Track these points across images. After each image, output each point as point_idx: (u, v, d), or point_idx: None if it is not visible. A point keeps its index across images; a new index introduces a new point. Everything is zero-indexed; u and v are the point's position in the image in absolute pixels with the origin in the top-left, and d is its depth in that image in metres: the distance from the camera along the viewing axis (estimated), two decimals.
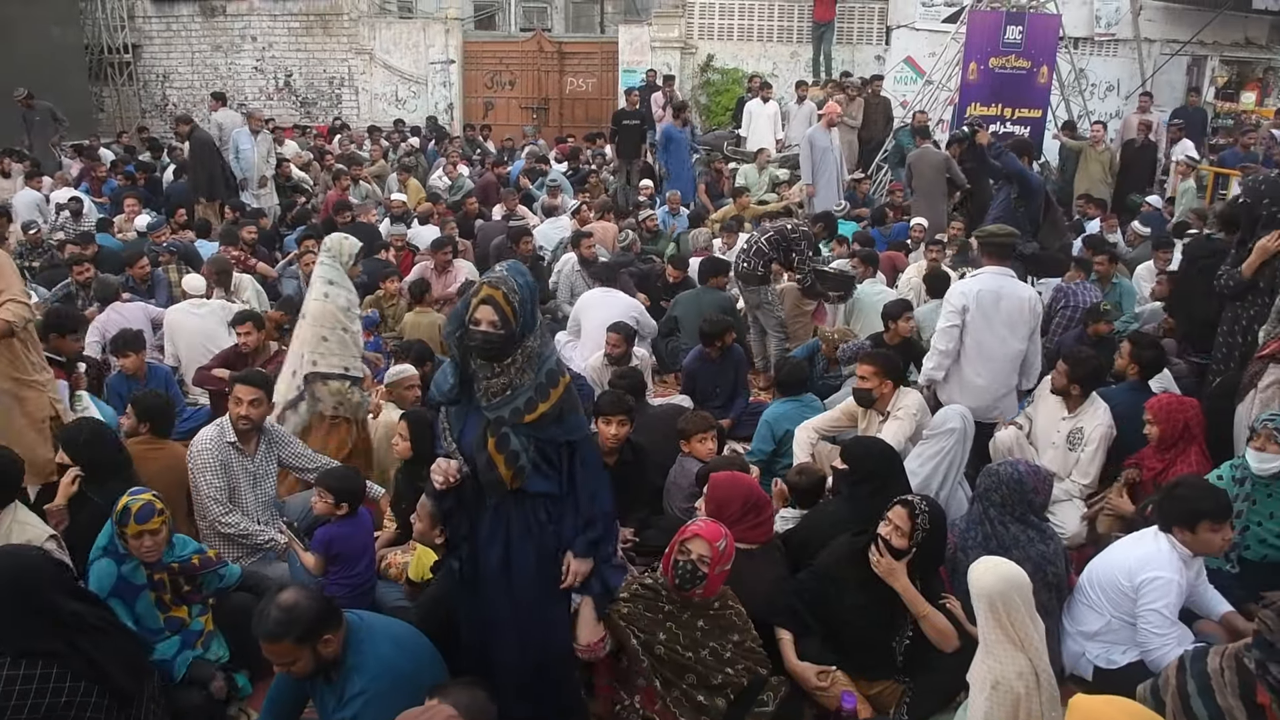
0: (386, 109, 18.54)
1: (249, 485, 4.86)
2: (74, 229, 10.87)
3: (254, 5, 18.91)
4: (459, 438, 3.30)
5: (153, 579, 3.94)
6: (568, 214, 10.75)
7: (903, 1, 16.31)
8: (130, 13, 19.17)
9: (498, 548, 3.35)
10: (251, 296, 8.25)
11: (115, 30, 19.12)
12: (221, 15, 19.07)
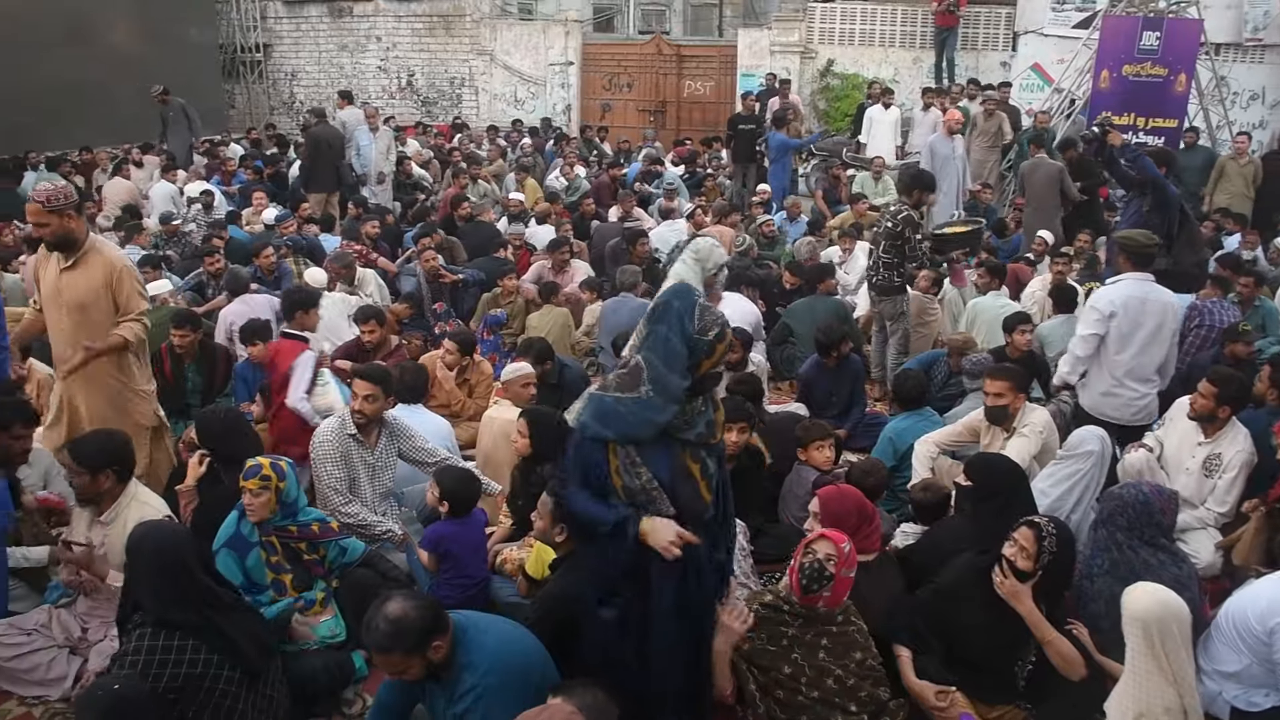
0: (505, 109, 18.78)
1: (368, 477, 4.94)
2: (205, 221, 11.26)
3: (379, 6, 19.34)
4: (655, 472, 3.12)
5: (263, 540, 4.15)
6: (684, 217, 10.73)
7: (1031, 6, 15.86)
8: (263, 13, 19.80)
9: (673, 580, 3.23)
10: (374, 291, 8.43)
11: (248, 30, 19.77)
12: (348, 16, 19.56)
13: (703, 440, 3.14)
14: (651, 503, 3.11)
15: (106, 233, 10.52)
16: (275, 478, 4.07)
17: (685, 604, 3.27)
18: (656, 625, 3.26)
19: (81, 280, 4.97)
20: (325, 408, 5.65)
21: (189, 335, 6.55)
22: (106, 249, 5.15)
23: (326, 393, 5.80)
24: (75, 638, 4.39)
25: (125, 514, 4.32)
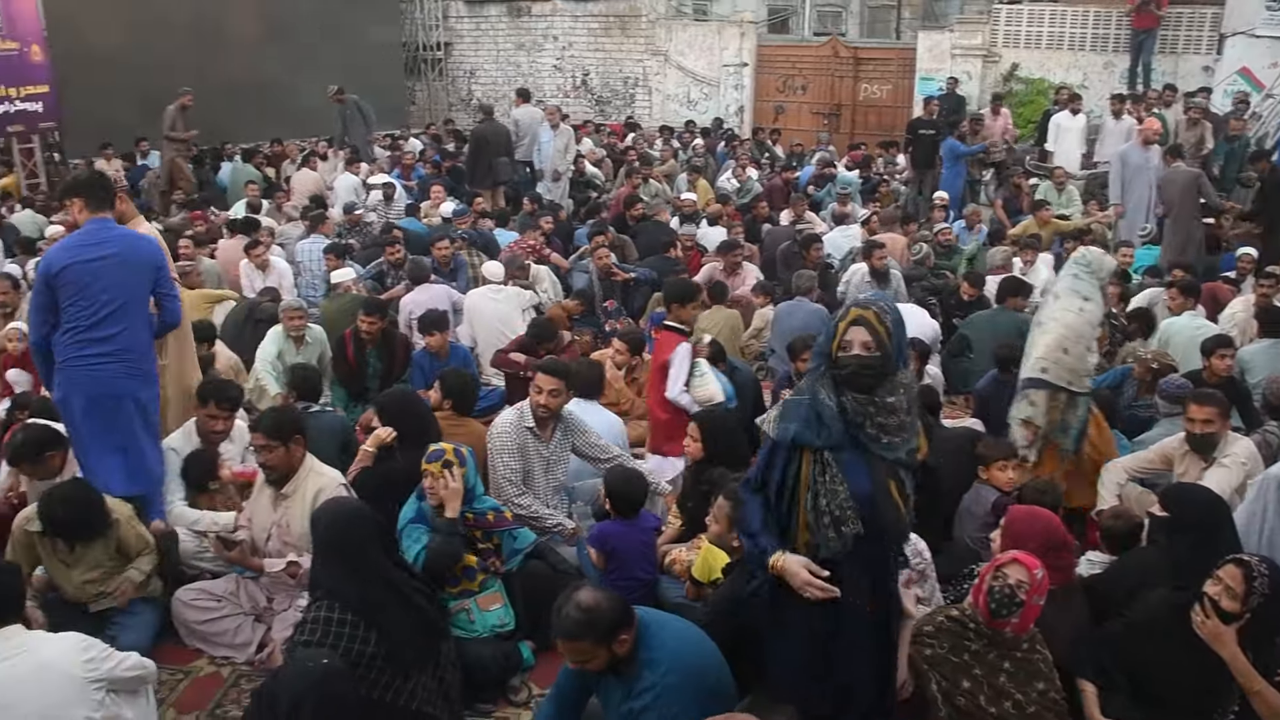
0: (678, 110, 18.84)
1: (542, 470, 5.01)
2: (385, 212, 11.66)
3: (557, 6, 19.69)
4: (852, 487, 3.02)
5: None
6: (857, 223, 10.53)
7: (1242, 5, 14.85)
8: (445, 13, 20.42)
9: (862, 602, 3.19)
10: (548, 287, 8.55)
11: (430, 29, 20.42)
12: (526, 15, 19.98)
13: (904, 464, 3.06)
14: (844, 521, 3.01)
15: (293, 221, 11.04)
16: (457, 463, 4.15)
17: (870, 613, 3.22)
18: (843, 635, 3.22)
19: None
20: (705, 399, 5.66)
21: (376, 322, 6.78)
22: (140, 230, 5.23)
23: (705, 384, 5.77)
24: (260, 606, 4.61)
25: (304, 486, 4.50)
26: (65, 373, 4.65)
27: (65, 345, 4.62)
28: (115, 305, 4.63)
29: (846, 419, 3.00)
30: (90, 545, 4.35)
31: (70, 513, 4.22)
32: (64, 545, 4.33)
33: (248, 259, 9.13)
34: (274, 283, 8.94)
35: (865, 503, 3.02)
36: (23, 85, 14.74)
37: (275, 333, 7.14)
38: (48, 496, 4.30)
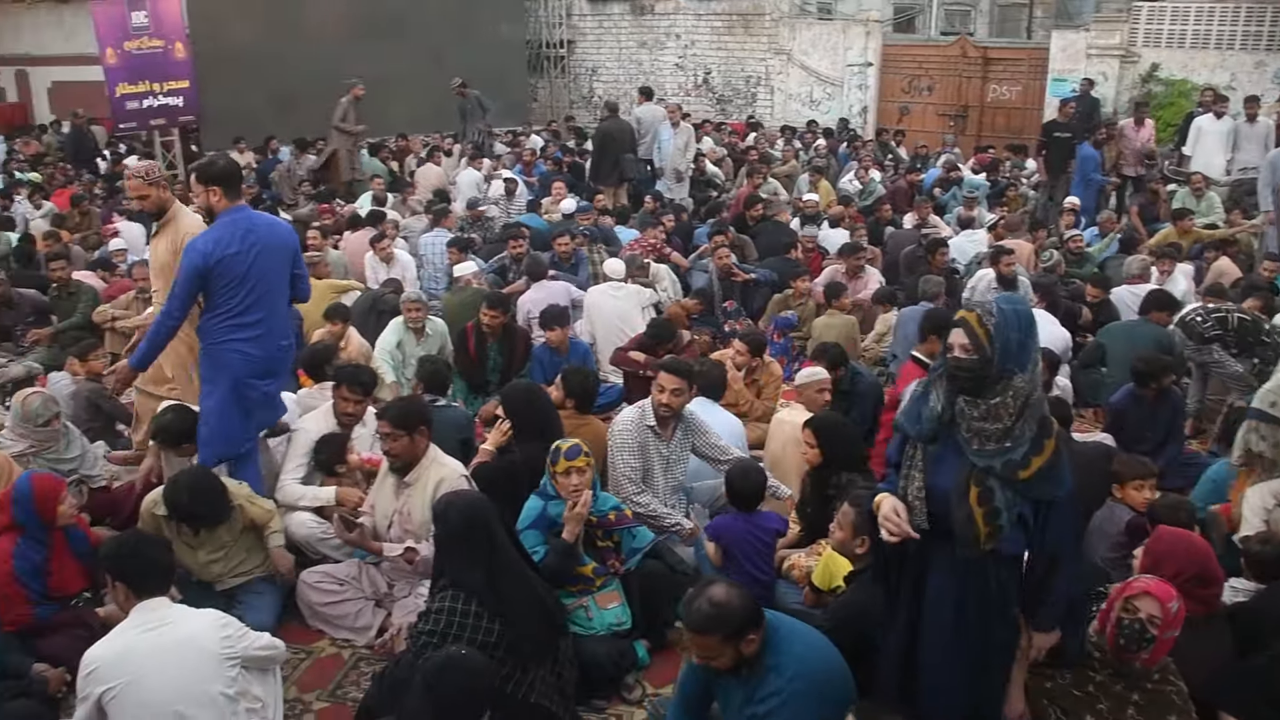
0: (800, 109, 18.64)
1: (662, 469, 4.97)
2: (507, 207, 11.79)
3: (680, 4, 19.67)
4: (932, 480, 3.11)
5: None
6: (984, 228, 10.25)
7: None
8: (568, 11, 20.59)
9: (947, 609, 3.16)
10: (668, 286, 8.53)
11: (554, 27, 20.63)
12: (649, 14, 20.01)
13: (995, 473, 2.97)
14: (912, 511, 3.11)
15: (417, 215, 11.25)
16: (591, 465, 4.16)
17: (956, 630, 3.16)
18: (929, 650, 3.22)
19: (161, 245, 5.27)
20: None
21: (498, 317, 6.84)
22: (185, 218, 5.30)
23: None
24: (381, 592, 4.68)
25: (426, 475, 4.55)
26: (212, 355, 4.81)
27: (215, 330, 4.77)
28: (262, 291, 4.77)
29: (947, 418, 3.04)
30: (214, 528, 4.51)
31: (195, 501, 4.38)
32: (188, 529, 4.49)
33: (372, 251, 9.32)
34: (397, 275, 9.11)
35: (939, 500, 3.05)
36: (166, 81, 15.36)
37: (396, 324, 7.26)
38: (173, 483, 4.46)
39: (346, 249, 9.91)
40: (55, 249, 9.41)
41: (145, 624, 3.41)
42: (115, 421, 6.56)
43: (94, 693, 3.28)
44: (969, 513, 2.99)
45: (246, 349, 4.76)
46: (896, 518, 3.09)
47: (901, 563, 3.27)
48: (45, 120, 21.70)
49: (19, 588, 4.21)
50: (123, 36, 14.92)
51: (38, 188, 13.41)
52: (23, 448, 5.08)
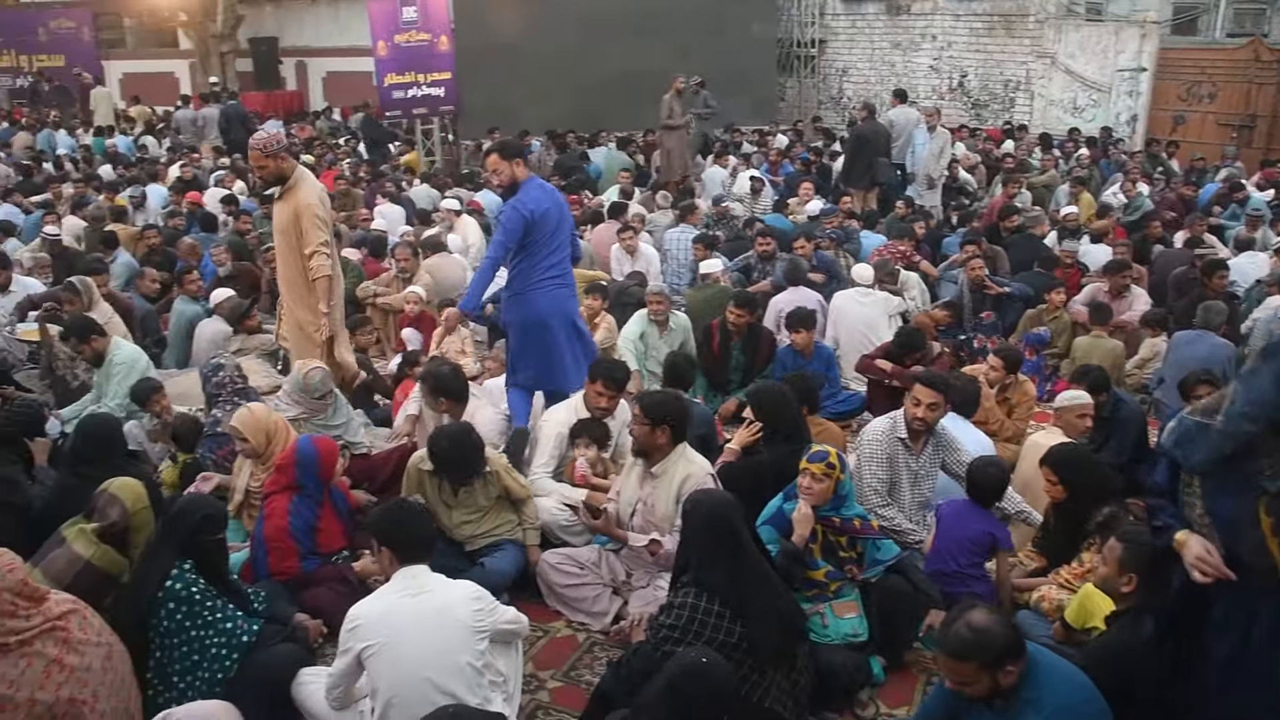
0: (1061, 116, 17.66)
1: (909, 483, 4.84)
2: (752, 206, 11.76)
3: (938, 5, 19.05)
4: (1211, 508, 2.91)
5: None
6: (1268, 250, 9.42)
7: None
8: (821, 10, 20.32)
9: (1227, 641, 2.93)
10: (916, 295, 8.29)
11: (805, 26, 20.40)
12: (905, 14, 19.49)
13: None
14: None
15: (663, 210, 11.35)
16: (838, 467, 4.09)
17: (1239, 666, 2.92)
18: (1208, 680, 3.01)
19: (281, 211, 6.07)
20: None
21: (745, 316, 6.84)
22: (303, 187, 6.03)
23: None
24: (619, 580, 4.76)
25: (673, 469, 4.60)
26: (524, 298, 5.62)
27: (529, 274, 5.59)
28: (561, 241, 5.66)
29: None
30: (471, 490, 4.74)
31: (453, 450, 4.62)
32: (449, 487, 4.74)
33: (618, 243, 9.49)
34: (641, 267, 9.26)
35: (1224, 528, 2.85)
36: (430, 72, 16.21)
37: (640, 315, 7.38)
38: (438, 433, 4.75)
39: (593, 240, 10.14)
40: None
41: (406, 589, 3.57)
42: (374, 391, 6.95)
43: (355, 647, 3.46)
44: (1261, 540, 2.75)
45: (556, 291, 5.62)
46: (1209, 556, 2.87)
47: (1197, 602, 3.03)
48: (318, 107, 23.34)
49: (291, 542, 4.53)
50: (393, 30, 15.89)
51: (311, 169, 14.36)
52: (295, 414, 5.45)
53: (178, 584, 3.85)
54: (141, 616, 3.84)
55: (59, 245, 9.60)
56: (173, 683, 3.85)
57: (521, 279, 5.62)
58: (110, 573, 4.21)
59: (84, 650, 3.47)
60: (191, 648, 3.85)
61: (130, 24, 28.61)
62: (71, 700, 3.36)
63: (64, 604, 3.57)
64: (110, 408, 6.13)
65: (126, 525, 4.25)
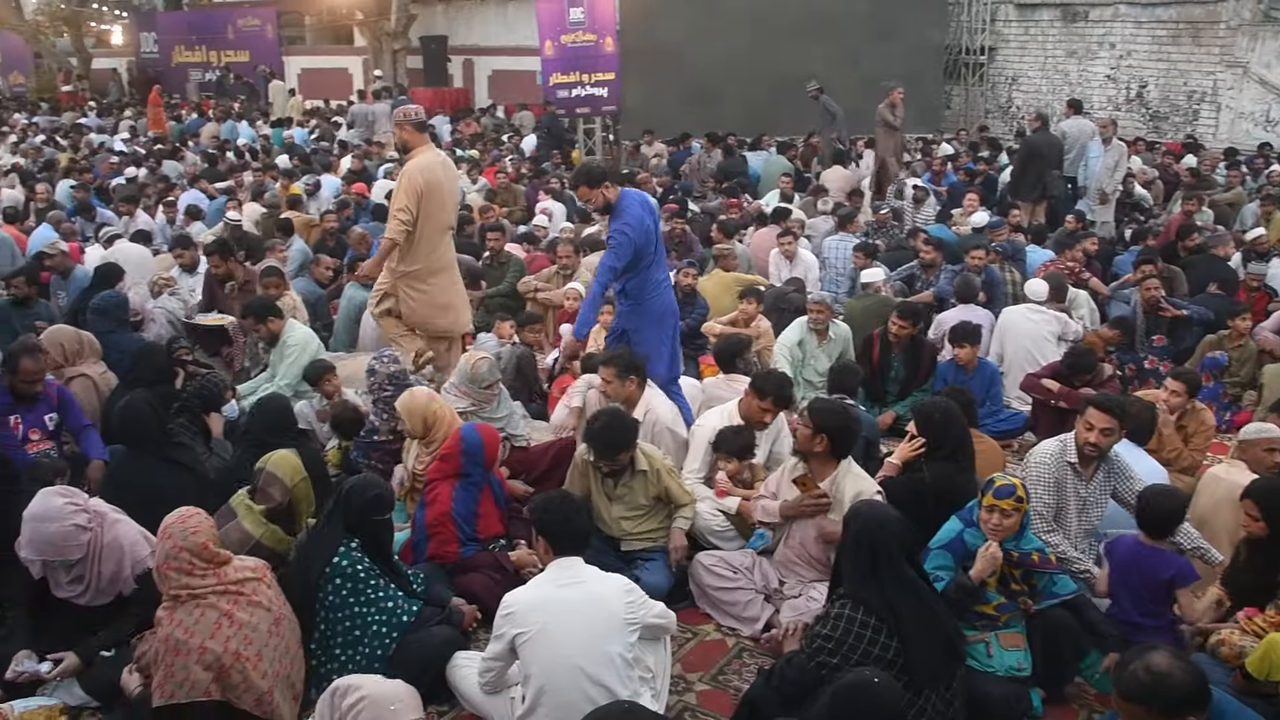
0: (1250, 130, 16.57)
1: (1076, 510, 4.66)
2: (914, 215, 11.51)
3: (1118, 11, 18.22)
4: None
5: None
6: None
7: None
8: (993, 16, 19.72)
9: None
10: (1085, 313, 7.98)
11: (976, 33, 19.83)
12: (1082, 21, 18.73)
13: None
14: None
15: (823, 216, 11.22)
16: (1025, 500, 3.98)
17: None
18: None
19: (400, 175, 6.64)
20: None
21: (907, 328, 6.72)
22: (415, 158, 6.53)
23: None
24: (771, 587, 4.73)
25: (841, 484, 4.56)
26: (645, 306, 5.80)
27: (644, 286, 5.75)
28: (661, 250, 5.85)
29: None
30: (631, 486, 4.80)
31: (606, 430, 4.71)
32: (610, 481, 4.81)
33: (777, 248, 9.43)
34: (799, 274, 9.18)
35: None
36: (594, 72, 16.46)
37: (800, 323, 7.32)
38: (596, 412, 4.89)
39: (752, 244, 10.10)
40: (493, 221, 10.31)
41: (561, 579, 3.65)
42: (533, 386, 7.08)
43: (509, 633, 3.55)
44: None
45: (664, 296, 5.85)
46: None
47: None
48: (483, 104, 23.94)
49: (452, 528, 4.68)
50: (560, 30, 16.20)
51: (474, 164, 14.79)
52: (464, 405, 5.61)
53: (344, 560, 4.01)
54: (309, 590, 4.02)
55: (239, 230, 10.11)
56: (334, 654, 4.03)
57: (639, 290, 5.75)
58: (277, 550, 4.46)
59: (254, 612, 3.68)
60: (354, 623, 4.02)
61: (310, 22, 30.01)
62: (237, 654, 3.57)
63: (244, 570, 3.79)
64: (280, 387, 6.43)
65: (289, 500, 4.51)
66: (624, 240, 5.48)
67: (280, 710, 3.73)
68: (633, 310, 5.84)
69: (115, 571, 4.13)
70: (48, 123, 22.90)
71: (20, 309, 7.54)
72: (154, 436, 4.95)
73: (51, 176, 14.52)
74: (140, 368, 6.14)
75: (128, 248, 9.49)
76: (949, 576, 3.98)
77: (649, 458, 4.83)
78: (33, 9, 31.43)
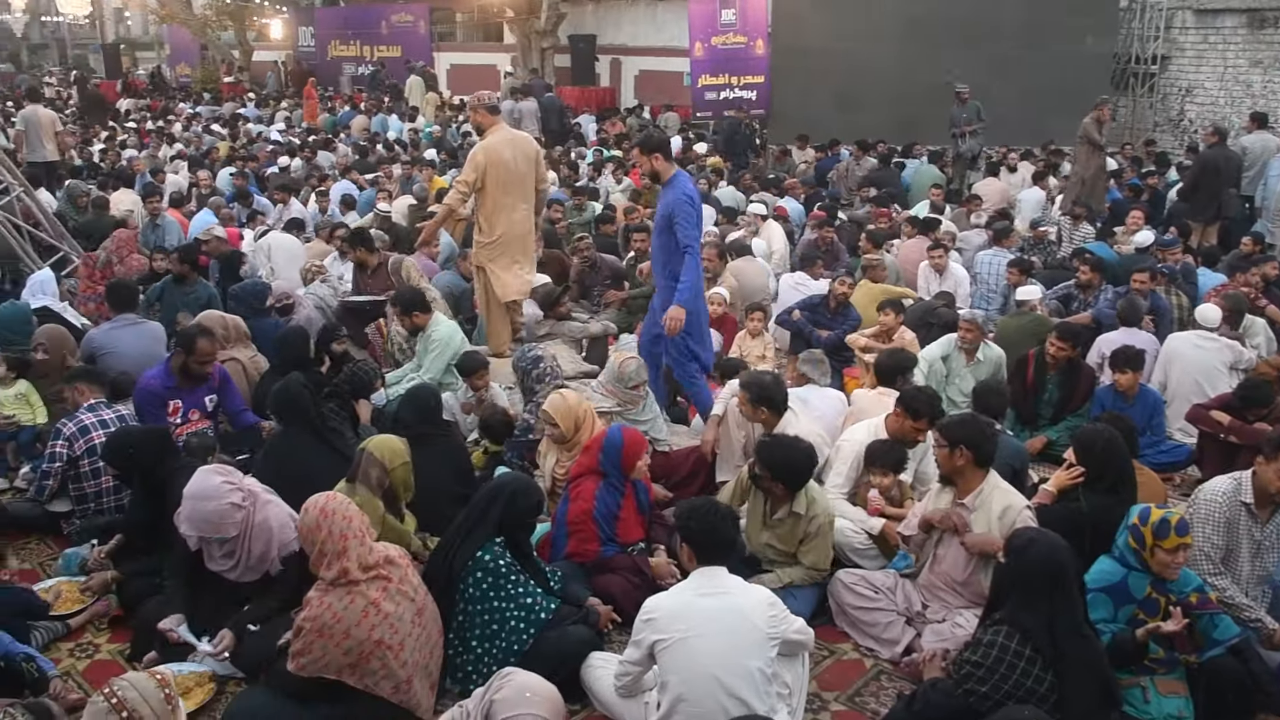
0: None
1: (1249, 554, 4.36)
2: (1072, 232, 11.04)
3: None
4: None
5: (1148, 597, 3.88)
6: None
7: None
8: (1167, 23, 18.76)
9: None
10: (1261, 342, 7.51)
11: (1147, 41, 18.91)
12: (1270, 27, 17.60)
13: None
14: None
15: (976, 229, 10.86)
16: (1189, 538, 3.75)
17: None
18: None
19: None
20: None
21: (1065, 349, 6.44)
22: (485, 138, 7.41)
23: None
24: (913, 610, 4.57)
25: (989, 500, 4.39)
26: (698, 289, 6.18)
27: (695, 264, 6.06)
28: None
29: None
30: (784, 522, 4.65)
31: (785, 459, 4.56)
32: (767, 506, 4.71)
33: (927, 260, 9.17)
34: (949, 288, 8.92)
35: None
36: (743, 75, 16.39)
37: (948, 339, 7.09)
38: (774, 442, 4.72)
39: (900, 255, 9.85)
40: (637, 222, 10.31)
41: (703, 588, 3.60)
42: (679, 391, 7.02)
43: (648, 639, 3.52)
44: None
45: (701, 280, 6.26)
46: None
47: None
48: (629, 104, 24.07)
49: (593, 527, 4.67)
50: (711, 32, 16.16)
51: (620, 164, 14.84)
52: (609, 405, 5.60)
53: (487, 555, 4.05)
54: (452, 581, 4.06)
55: (388, 221, 10.35)
56: (470, 646, 4.07)
57: (689, 268, 5.98)
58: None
59: (399, 601, 3.74)
60: (492, 617, 4.04)
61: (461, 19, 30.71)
62: (379, 643, 3.63)
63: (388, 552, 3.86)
64: (424, 379, 6.53)
65: (388, 484, 4.54)
66: (690, 211, 5.90)
67: (418, 698, 3.81)
68: (670, 290, 6.06)
69: (264, 551, 4.28)
70: (209, 112, 24.09)
71: (179, 286, 7.88)
72: (309, 417, 5.10)
73: (213, 164, 15.20)
74: (283, 352, 6.35)
75: (280, 236, 9.85)
76: (1110, 630, 3.77)
77: (811, 504, 4.61)
78: (202, 4, 33.08)
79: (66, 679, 4.18)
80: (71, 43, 47.56)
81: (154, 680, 2.96)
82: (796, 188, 13.27)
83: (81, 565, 4.89)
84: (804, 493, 4.59)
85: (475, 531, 4.12)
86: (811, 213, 11.28)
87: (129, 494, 5.14)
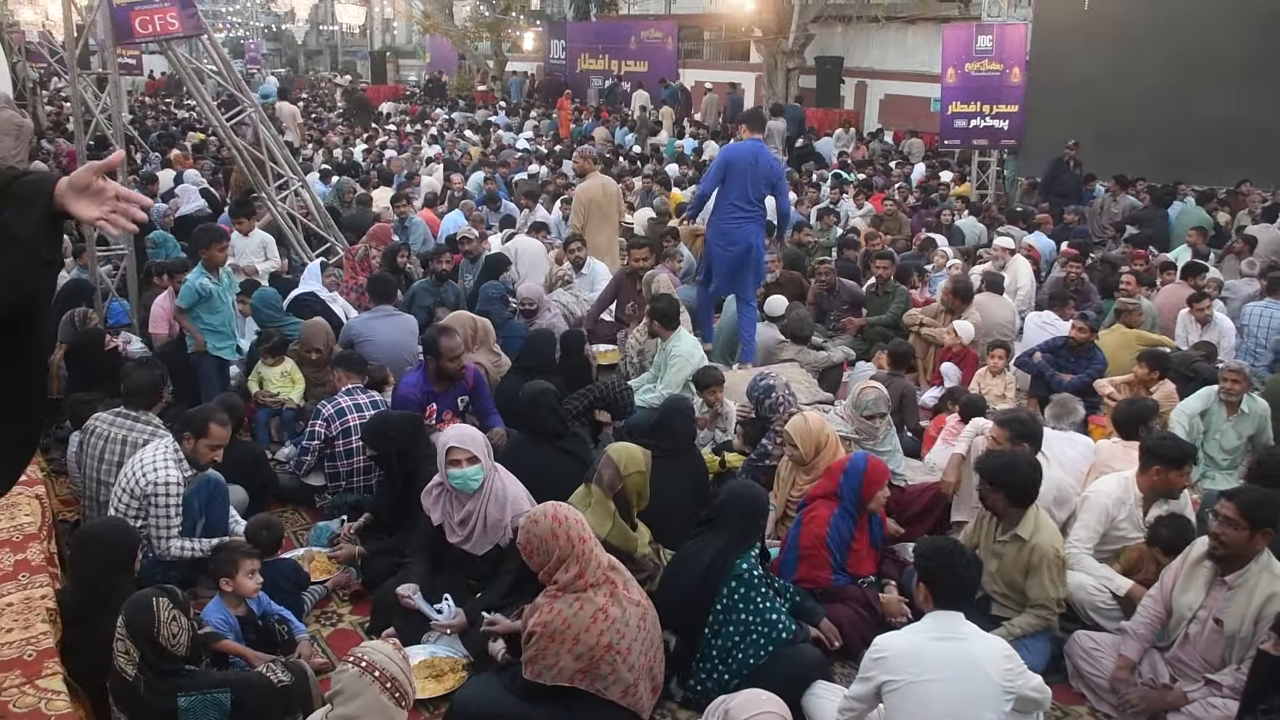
0: None
1: None
2: None
3: None
4: None
5: None
6: None
7: None
8: None
9: None
10: None
11: None
12: None
13: None
14: None
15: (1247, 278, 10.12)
16: None
17: None
18: None
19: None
20: None
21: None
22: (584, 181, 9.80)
23: None
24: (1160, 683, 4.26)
25: (1256, 581, 4.06)
26: (717, 227, 7.87)
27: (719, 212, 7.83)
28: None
29: None
30: (1007, 546, 4.48)
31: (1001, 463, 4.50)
32: (996, 529, 4.56)
33: (1187, 309, 8.62)
34: (1212, 338, 8.34)
35: None
36: (996, 104, 15.84)
37: (1208, 391, 6.63)
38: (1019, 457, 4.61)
39: (1159, 301, 9.28)
40: (880, 249, 10.15)
41: (938, 632, 3.51)
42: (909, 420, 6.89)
43: (877, 677, 3.47)
44: None
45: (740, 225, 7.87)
46: None
47: None
48: (873, 128, 23.72)
49: (825, 553, 4.62)
50: (965, 58, 15.71)
51: (862, 188, 14.67)
52: (847, 430, 5.53)
53: (744, 564, 4.09)
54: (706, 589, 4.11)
55: (630, 233, 10.59)
56: (709, 655, 4.13)
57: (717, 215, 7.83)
58: (623, 549, 4.58)
59: (626, 606, 3.81)
60: (737, 628, 4.09)
61: (710, 37, 31.06)
62: (609, 647, 3.72)
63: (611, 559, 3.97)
64: (661, 392, 6.65)
65: (620, 489, 4.64)
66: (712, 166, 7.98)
67: (643, 701, 3.89)
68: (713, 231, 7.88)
69: (498, 519, 4.60)
70: (462, 118, 25.37)
71: (436, 287, 8.31)
72: (553, 425, 5.27)
73: (464, 168, 15.98)
74: (528, 355, 6.60)
75: (526, 240, 10.24)
76: None
77: (1036, 531, 4.44)
78: (464, 17, 34.91)
79: (313, 642, 4.50)
80: (343, 50, 51.30)
81: (391, 645, 3.17)
82: (1047, 223, 12.74)
83: (331, 539, 5.30)
84: (1030, 516, 4.43)
85: (720, 541, 4.16)
86: (1062, 249, 10.80)
87: (377, 476, 5.53)
